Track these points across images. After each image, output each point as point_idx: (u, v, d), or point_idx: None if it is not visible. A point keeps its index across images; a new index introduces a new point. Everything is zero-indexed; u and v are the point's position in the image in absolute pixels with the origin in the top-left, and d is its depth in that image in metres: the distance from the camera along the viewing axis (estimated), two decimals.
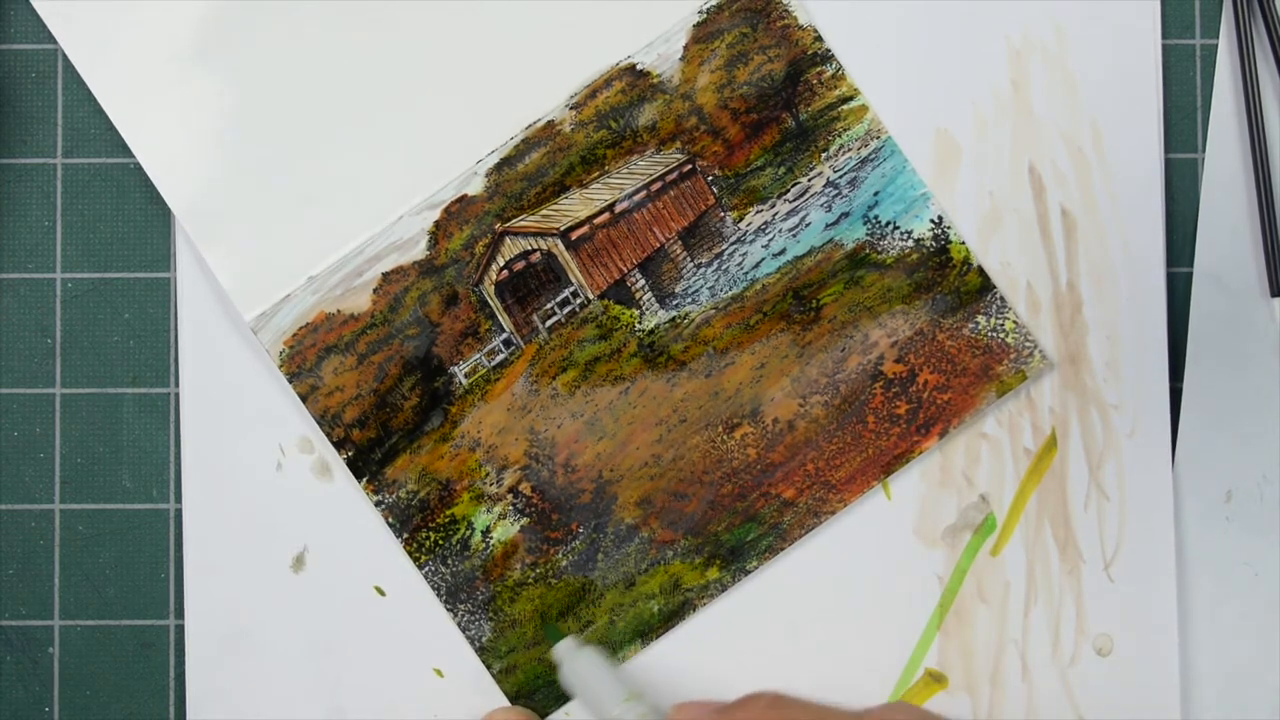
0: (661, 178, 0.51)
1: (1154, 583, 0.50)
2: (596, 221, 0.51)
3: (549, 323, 0.51)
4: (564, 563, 0.51)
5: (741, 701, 0.42)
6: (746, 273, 0.51)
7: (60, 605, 0.52)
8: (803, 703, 0.41)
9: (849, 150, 0.51)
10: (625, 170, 0.51)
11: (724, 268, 0.51)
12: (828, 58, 0.51)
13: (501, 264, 0.51)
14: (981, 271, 0.51)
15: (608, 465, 0.51)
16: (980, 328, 0.51)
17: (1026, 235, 0.51)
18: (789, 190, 0.51)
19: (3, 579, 0.52)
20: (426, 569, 0.51)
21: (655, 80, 0.51)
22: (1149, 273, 0.51)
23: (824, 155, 0.51)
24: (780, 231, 0.51)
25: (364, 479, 0.51)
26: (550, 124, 0.51)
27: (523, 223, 0.51)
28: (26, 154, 0.52)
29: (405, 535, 0.51)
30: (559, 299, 0.51)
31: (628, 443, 0.51)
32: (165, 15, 0.50)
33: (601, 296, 0.51)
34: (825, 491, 0.51)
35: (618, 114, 0.51)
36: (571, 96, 0.51)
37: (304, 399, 0.50)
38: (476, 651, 0.51)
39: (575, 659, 0.49)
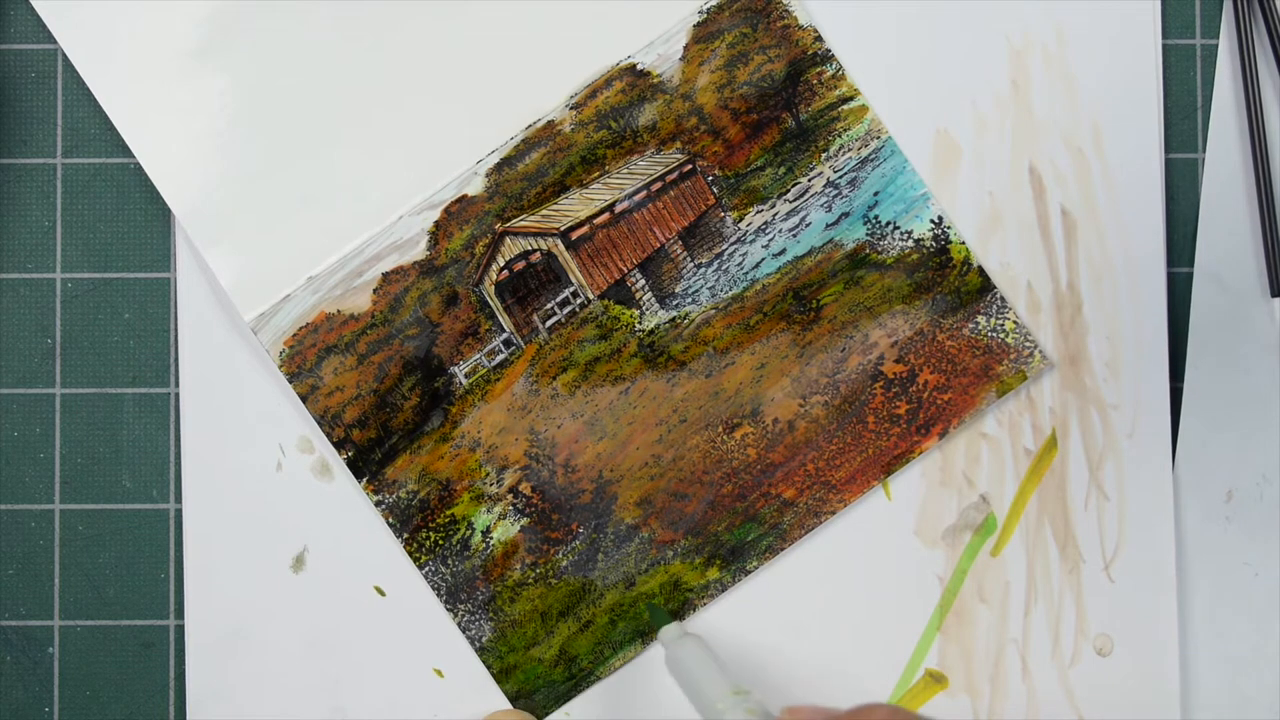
0: (661, 178, 0.51)
1: (1154, 583, 0.50)
2: (596, 221, 0.51)
3: (549, 323, 0.51)
4: (564, 563, 0.51)
5: (854, 712, 0.40)
6: (746, 273, 0.51)
7: (60, 605, 0.52)
8: (917, 717, 0.39)
9: (849, 150, 0.51)
10: (625, 170, 0.51)
11: (724, 268, 0.51)
12: (828, 58, 0.51)
13: (501, 264, 0.51)
14: (981, 272, 0.51)
15: (608, 465, 0.51)
16: (980, 328, 0.51)
17: (1026, 235, 0.51)
18: (789, 190, 0.51)
19: (3, 579, 0.52)
20: (426, 569, 0.51)
21: (655, 80, 0.51)
22: (1149, 273, 0.51)
23: (824, 155, 0.51)
24: (780, 231, 0.51)
25: (364, 479, 0.51)
26: (550, 124, 0.51)
27: (523, 223, 0.51)
28: (26, 154, 0.52)
29: (405, 535, 0.51)
30: (559, 299, 0.51)
31: (628, 443, 0.51)
32: (165, 15, 0.50)
33: (601, 296, 0.51)
34: (825, 491, 0.51)
35: (618, 114, 0.51)
36: (571, 96, 0.51)
37: (304, 399, 0.50)
38: (476, 651, 0.51)
39: (681, 645, 0.47)
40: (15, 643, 0.52)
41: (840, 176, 0.51)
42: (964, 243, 0.51)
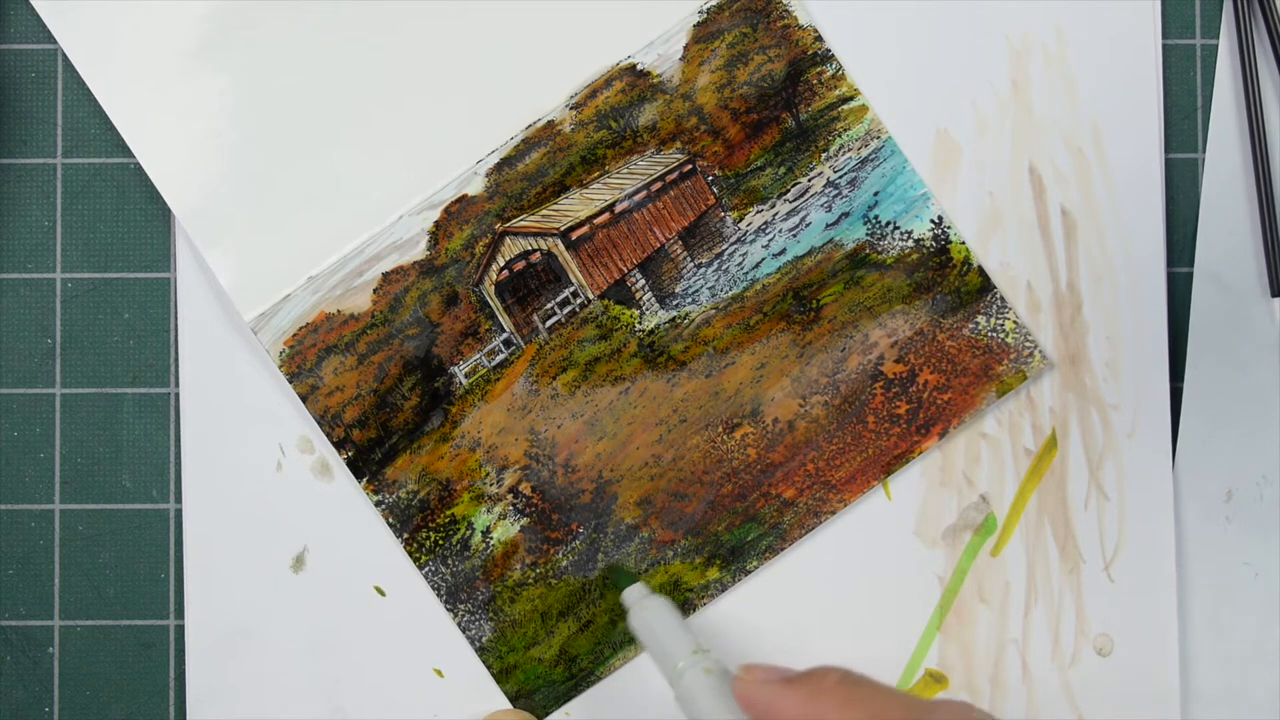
0: (661, 178, 0.51)
1: (1154, 583, 0.50)
2: (596, 221, 0.51)
3: (549, 323, 0.51)
4: (564, 563, 0.51)
5: (809, 674, 0.41)
6: (746, 273, 0.51)
7: (60, 605, 0.52)
8: (870, 682, 0.40)
9: (849, 150, 0.51)
10: (625, 170, 0.51)
11: (724, 268, 0.51)
12: (828, 58, 0.51)
13: (501, 264, 0.51)
14: (981, 271, 0.51)
15: (608, 465, 0.51)
16: (980, 328, 0.51)
17: (1026, 235, 0.51)
18: (789, 190, 0.51)
19: (3, 579, 0.52)
20: (426, 569, 0.51)
21: (655, 80, 0.51)
22: (1149, 273, 0.51)
23: (824, 155, 0.51)
24: (780, 231, 0.51)
25: (364, 479, 0.51)
26: (550, 124, 0.51)
27: (523, 223, 0.51)
28: (26, 154, 0.52)
29: (405, 535, 0.51)
30: (559, 299, 0.51)
31: (628, 443, 0.51)
32: (165, 15, 0.50)
33: (601, 296, 0.51)
34: (825, 491, 0.51)
35: (618, 114, 0.51)
36: (571, 96, 0.51)
37: (304, 399, 0.50)
38: (476, 651, 0.51)
39: (644, 606, 0.47)
40: (15, 643, 0.52)
41: (840, 176, 0.51)
42: (964, 243, 0.51)
